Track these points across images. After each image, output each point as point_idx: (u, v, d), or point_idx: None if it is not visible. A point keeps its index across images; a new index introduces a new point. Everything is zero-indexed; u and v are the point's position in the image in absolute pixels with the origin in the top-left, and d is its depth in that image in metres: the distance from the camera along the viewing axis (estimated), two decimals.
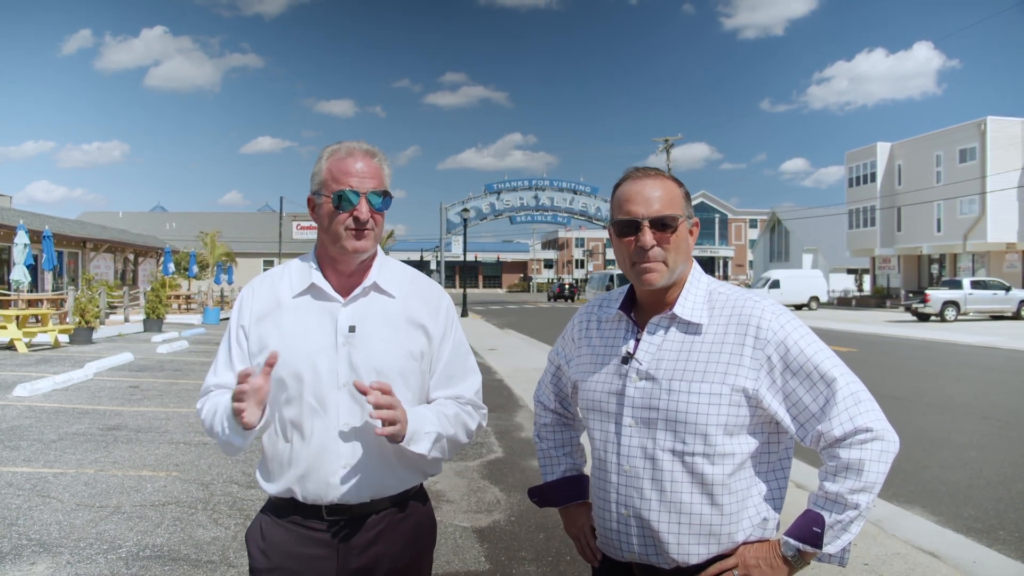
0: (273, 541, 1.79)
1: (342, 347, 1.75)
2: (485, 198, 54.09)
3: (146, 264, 37.08)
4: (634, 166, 1.74)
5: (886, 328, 25.48)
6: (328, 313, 1.78)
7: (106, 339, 17.97)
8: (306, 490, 1.75)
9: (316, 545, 1.76)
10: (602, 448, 1.73)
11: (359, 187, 1.74)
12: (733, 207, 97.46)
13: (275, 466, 1.79)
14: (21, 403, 8.86)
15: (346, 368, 1.74)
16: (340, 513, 1.76)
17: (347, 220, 1.74)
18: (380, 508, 1.79)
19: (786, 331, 1.60)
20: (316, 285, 1.79)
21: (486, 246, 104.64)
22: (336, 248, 1.76)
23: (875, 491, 1.55)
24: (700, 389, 1.59)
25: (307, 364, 1.74)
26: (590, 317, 1.87)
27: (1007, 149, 36.95)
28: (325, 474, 1.73)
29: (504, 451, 6.91)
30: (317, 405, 1.74)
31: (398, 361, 1.78)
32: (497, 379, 11.98)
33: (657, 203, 1.65)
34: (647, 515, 1.64)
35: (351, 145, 1.80)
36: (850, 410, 1.55)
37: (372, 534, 1.78)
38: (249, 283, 1.90)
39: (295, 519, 1.78)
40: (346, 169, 1.75)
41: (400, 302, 1.82)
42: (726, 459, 1.60)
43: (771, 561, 1.60)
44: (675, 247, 1.66)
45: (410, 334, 1.80)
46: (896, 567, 4.02)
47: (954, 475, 6.32)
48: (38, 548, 4.23)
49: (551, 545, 4.43)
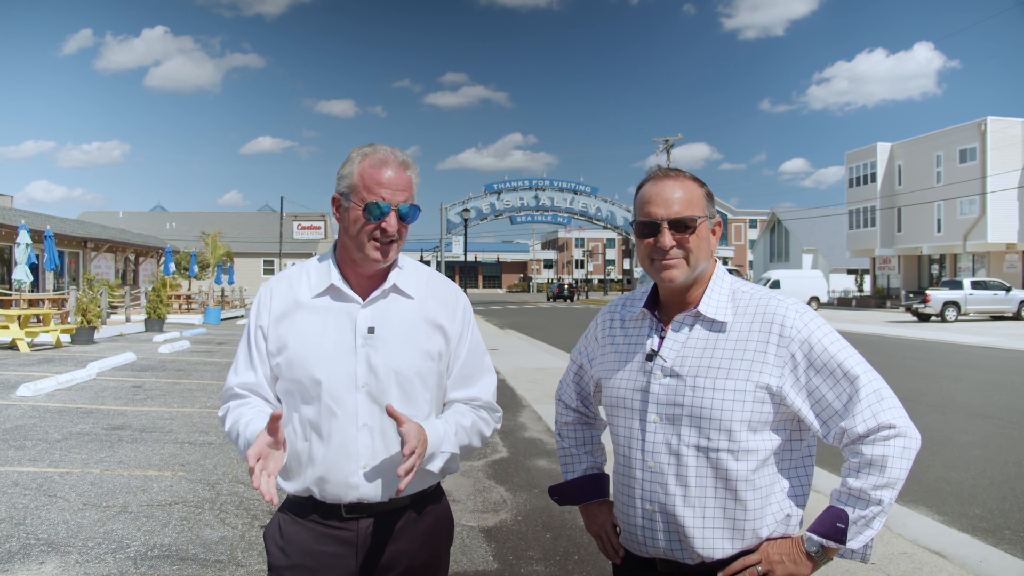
0: (292, 539, 1.80)
1: (361, 348, 1.75)
2: (485, 198, 54.09)
3: (147, 264, 37.06)
4: (657, 165, 1.76)
5: (886, 328, 25.50)
6: (347, 314, 1.77)
7: (108, 339, 17.98)
8: (324, 490, 1.75)
9: (335, 543, 1.77)
10: (627, 444, 1.74)
11: (390, 199, 1.73)
12: (733, 207, 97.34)
13: (294, 465, 1.79)
14: (25, 403, 8.87)
15: (365, 369, 1.74)
16: (359, 512, 1.77)
17: (374, 231, 1.73)
18: (398, 507, 1.80)
19: (810, 329, 1.61)
20: (335, 286, 1.78)
21: (486, 246, 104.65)
22: (359, 255, 1.77)
23: (898, 487, 1.57)
24: (725, 386, 1.61)
25: (326, 365, 1.74)
26: (613, 316, 1.89)
27: (1007, 149, 36.98)
28: (344, 474, 1.74)
29: (509, 451, 6.92)
30: (335, 406, 1.74)
31: (417, 362, 1.78)
32: (500, 379, 11.97)
33: (677, 204, 1.67)
34: (672, 510, 1.65)
35: (386, 154, 1.77)
36: (873, 407, 1.57)
37: (391, 533, 1.79)
38: (267, 283, 1.90)
39: (314, 517, 1.78)
40: (379, 179, 1.73)
41: (418, 303, 1.82)
42: (750, 455, 1.62)
43: (794, 557, 1.62)
44: (695, 247, 1.68)
45: (428, 335, 1.81)
46: (903, 566, 4.03)
47: (958, 475, 6.33)
48: (46, 548, 4.23)
49: (559, 545, 4.44)
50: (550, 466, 6.30)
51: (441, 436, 1.75)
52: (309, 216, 55.51)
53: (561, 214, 56.11)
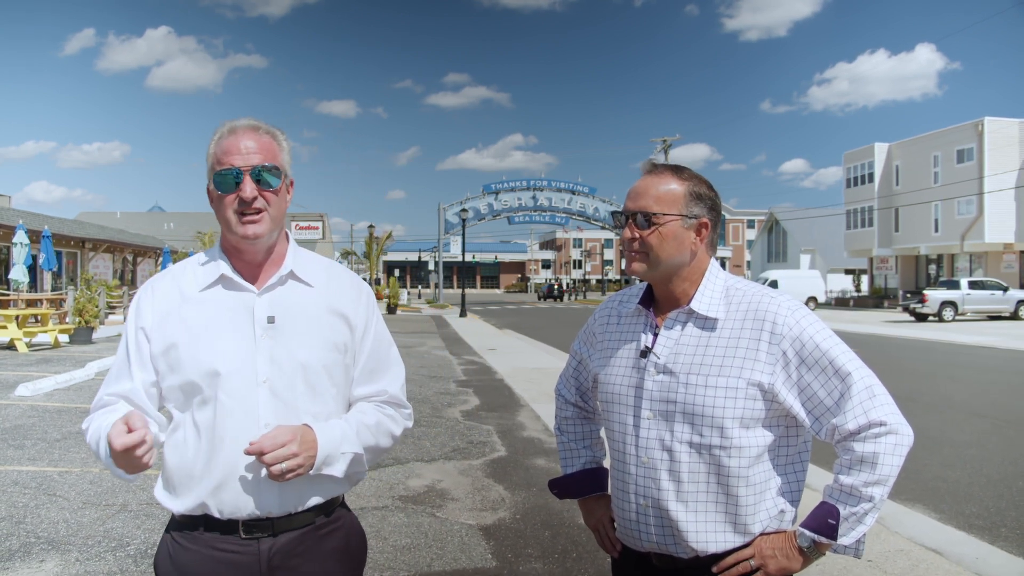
0: (186, 568, 1.61)
1: (261, 339, 1.61)
2: (483, 198, 54.13)
3: (144, 264, 37.04)
4: (649, 160, 1.79)
5: (884, 328, 25.54)
6: (242, 304, 1.63)
7: (106, 339, 17.95)
8: (222, 503, 1.57)
9: (234, 569, 1.59)
10: (621, 440, 1.76)
11: (243, 164, 1.58)
12: (731, 207, 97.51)
13: (183, 479, 1.61)
14: (24, 403, 8.87)
15: (267, 362, 1.60)
16: (260, 530, 1.60)
17: (234, 202, 1.59)
18: (305, 522, 1.63)
19: (801, 326, 1.62)
20: (226, 276, 1.64)
21: (484, 246, 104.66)
22: (233, 236, 1.62)
23: (889, 484, 1.58)
24: (717, 383, 1.62)
25: (221, 360, 1.58)
26: (611, 312, 1.91)
27: (1005, 149, 37.05)
28: (244, 483, 1.57)
29: (507, 450, 6.94)
30: (234, 405, 1.58)
31: (322, 354, 1.65)
32: (497, 379, 12.00)
33: (643, 199, 1.69)
34: (665, 505, 1.67)
35: (234, 122, 1.64)
36: (864, 404, 1.58)
37: (298, 550, 1.62)
38: (146, 282, 1.74)
39: (208, 539, 1.60)
40: (228, 148, 1.60)
41: (319, 291, 1.69)
42: (743, 451, 1.63)
43: (787, 552, 1.64)
44: (656, 244, 1.68)
45: (332, 325, 1.68)
46: (900, 564, 4.05)
47: (955, 473, 6.36)
48: (47, 546, 4.25)
49: (557, 542, 4.45)
50: (548, 465, 6.31)
51: (339, 437, 1.61)
52: (307, 216, 55.46)
53: (559, 214, 56.19)
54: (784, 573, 1.65)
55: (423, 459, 6.45)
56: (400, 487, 5.61)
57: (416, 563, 4.10)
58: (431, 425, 7.98)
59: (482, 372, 12.95)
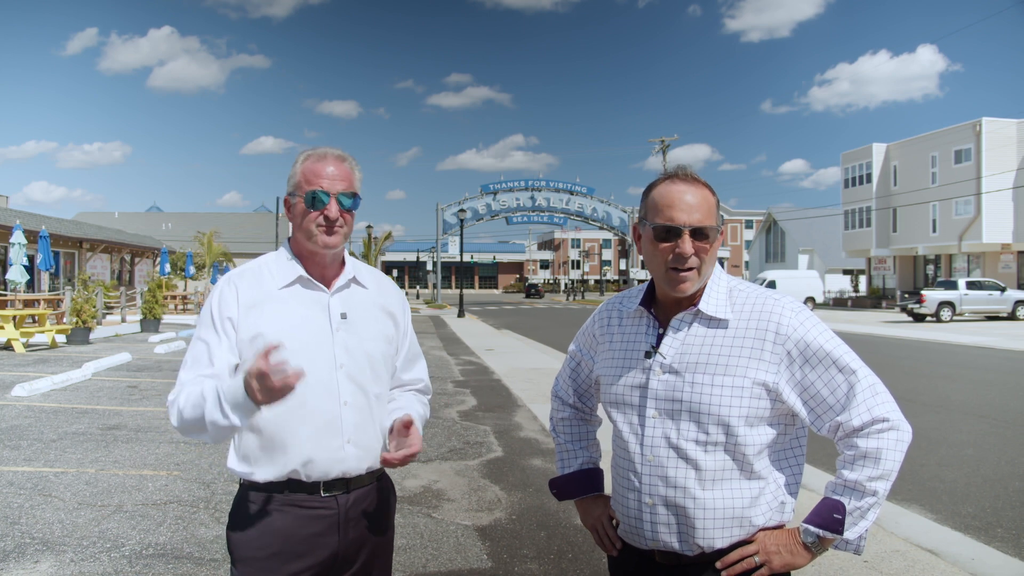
0: (271, 527, 1.84)
1: (337, 332, 1.89)
2: (482, 199, 54.10)
3: (142, 264, 36.99)
4: (677, 165, 1.73)
5: (882, 329, 25.57)
6: (318, 302, 1.91)
7: (103, 339, 17.94)
8: (310, 468, 1.84)
9: (318, 522, 1.85)
10: (626, 439, 1.77)
11: (330, 188, 1.87)
12: (730, 208, 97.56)
13: (269, 451, 1.84)
14: (20, 403, 8.85)
15: (343, 351, 1.89)
16: (337, 488, 1.88)
17: (318, 218, 1.87)
18: (368, 482, 1.95)
19: (805, 328, 1.65)
20: (304, 276, 1.91)
21: (482, 247, 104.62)
22: (310, 244, 1.89)
23: (891, 479, 1.62)
24: (723, 382, 1.65)
25: (307, 347, 1.84)
26: (611, 313, 1.92)
27: (1002, 150, 37.09)
28: (331, 449, 1.85)
29: (504, 450, 6.94)
30: (319, 386, 1.84)
31: (381, 345, 1.97)
32: (495, 379, 12.00)
33: (698, 212, 1.67)
34: (672, 503, 1.69)
35: (324, 150, 1.93)
36: (868, 401, 1.61)
37: (364, 503, 1.93)
38: (224, 278, 1.95)
39: (293, 500, 1.85)
40: (318, 172, 1.88)
41: (373, 293, 2.01)
42: (747, 448, 1.66)
43: (791, 547, 1.66)
44: (710, 257, 1.69)
45: (384, 321, 2.01)
46: (896, 564, 4.05)
47: (952, 473, 6.36)
48: (41, 547, 4.23)
49: (553, 543, 4.45)
50: (545, 465, 6.31)
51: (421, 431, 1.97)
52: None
53: (557, 214, 56.18)
54: (788, 569, 1.67)
55: (419, 459, 6.44)
56: (396, 488, 5.59)
57: (411, 564, 4.10)
58: (428, 425, 7.96)
59: (479, 372, 12.95)
